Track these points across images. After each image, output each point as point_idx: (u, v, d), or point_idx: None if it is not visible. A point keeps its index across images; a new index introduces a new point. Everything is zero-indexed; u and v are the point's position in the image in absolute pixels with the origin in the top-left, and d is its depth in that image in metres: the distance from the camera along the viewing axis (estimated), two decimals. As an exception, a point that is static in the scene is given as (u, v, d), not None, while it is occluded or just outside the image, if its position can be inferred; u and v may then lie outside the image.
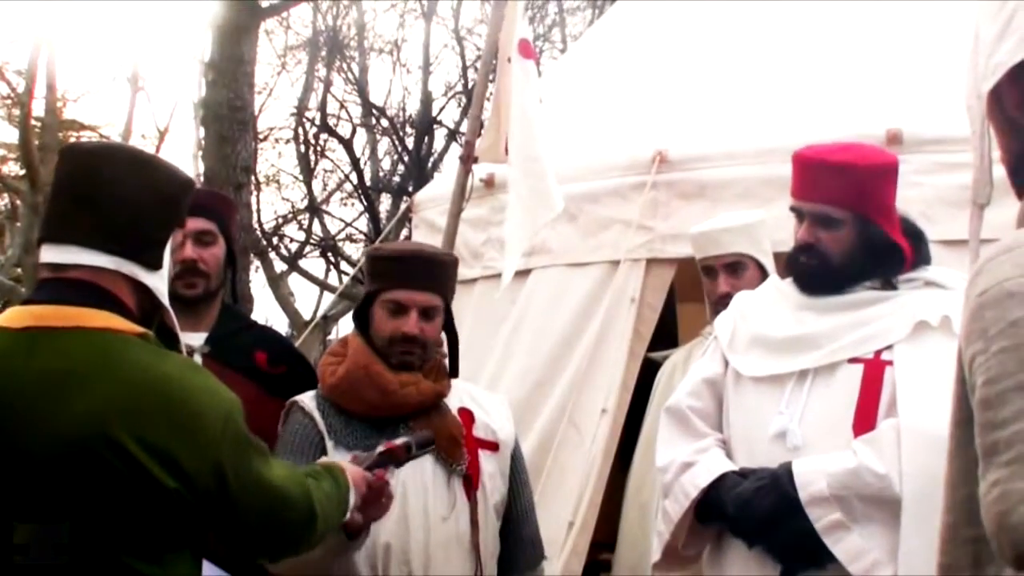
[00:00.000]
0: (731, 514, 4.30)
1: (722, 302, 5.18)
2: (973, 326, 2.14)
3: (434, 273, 4.43)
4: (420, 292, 4.37)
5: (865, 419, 4.18)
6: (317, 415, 4.36)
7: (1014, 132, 2.38)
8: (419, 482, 4.30)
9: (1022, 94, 2.33)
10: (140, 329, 3.12)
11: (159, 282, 3.22)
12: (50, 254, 3.15)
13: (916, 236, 4.42)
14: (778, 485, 4.19)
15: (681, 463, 4.45)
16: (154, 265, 3.20)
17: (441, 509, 4.30)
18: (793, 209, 4.42)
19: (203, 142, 14.73)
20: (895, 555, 4.02)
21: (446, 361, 4.57)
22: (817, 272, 4.40)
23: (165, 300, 3.24)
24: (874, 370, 4.24)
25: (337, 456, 4.21)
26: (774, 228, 5.92)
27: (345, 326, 27.81)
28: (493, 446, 4.53)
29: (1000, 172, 2.45)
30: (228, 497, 3.07)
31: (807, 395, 4.30)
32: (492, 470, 4.49)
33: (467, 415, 4.52)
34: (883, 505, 4.07)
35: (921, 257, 4.42)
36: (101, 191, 3.13)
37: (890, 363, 4.22)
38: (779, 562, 4.25)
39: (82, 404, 2.95)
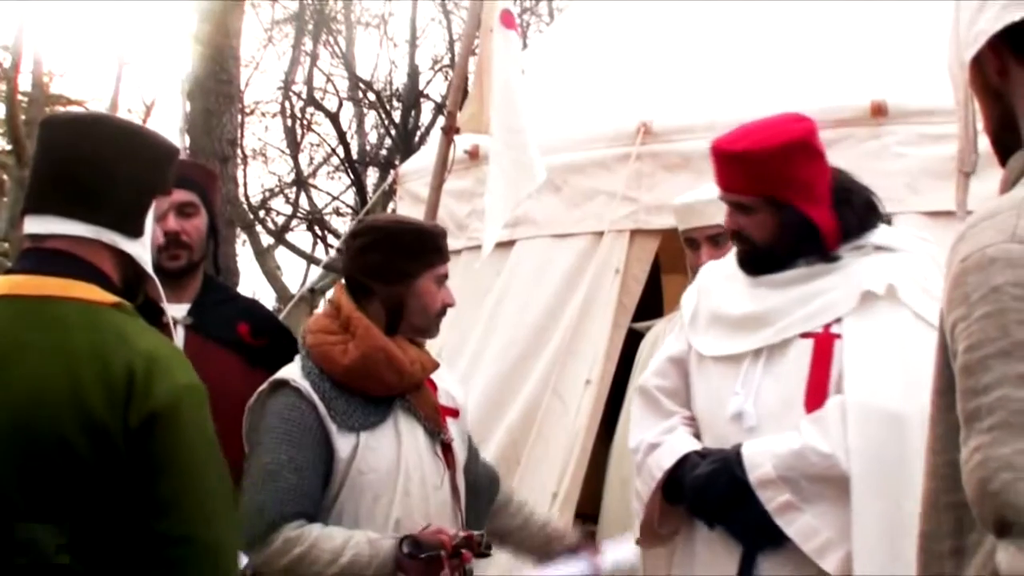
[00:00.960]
0: (688, 498, 4.32)
1: None
2: (955, 292, 2.12)
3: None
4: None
5: (817, 395, 4.19)
6: (316, 398, 4.23)
7: (996, 100, 2.38)
8: (416, 453, 4.30)
9: (1003, 62, 2.32)
10: (114, 299, 3.08)
11: (141, 250, 3.18)
12: (31, 225, 3.14)
13: (848, 202, 4.34)
14: (728, 468, 4.20)
15: (648, 444, 4.47)
16: (135, 233, 3.16)
17: (434, 478, 4.32)
18: (720, 197, 4.43)
19: (189, 116, 14.64)
20: (848, 533, 4.03)
21: None
22: (749, 256, 4.41)
23: (149, 268, 3.21)
24: (824, 344, 4.22)
25: (342, 439, 4.20)
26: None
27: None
28: (455, 413, 4.57)
29: (985, 143, 2.44)
30: (147, 463, 2.93)
31: (761, 374, 4.30)
32: (457, 436, 4.52)
33: (432, 384, 4.52)
34: (831, 484, 4.07)
35: (863, 222, 4.36)
36: (79, 161, 3.10)
37: (839, 336, 4.21)
38: (740, 543, 4.26)
39: (21, 378, 2.92)
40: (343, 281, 4.48)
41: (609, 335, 6.10)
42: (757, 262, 4.38)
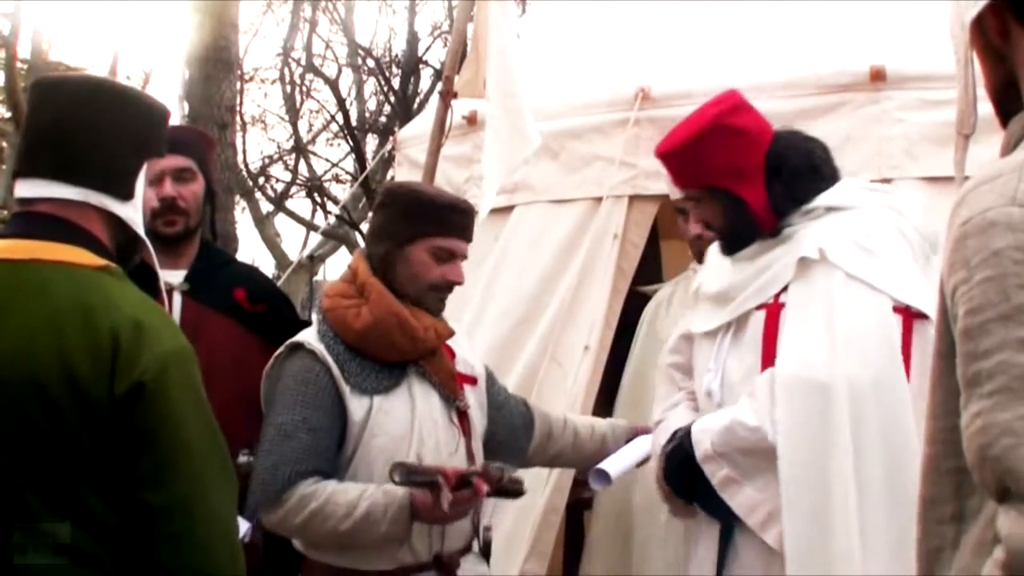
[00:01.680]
0: (664, 475, 4.39)
1: (695, 243, 5.20)
2: (955, 256, 2.11)
3: (473, 225, 4.48)
4: (465, 242, 4.41)
5: (769, 366, 4.22)
6: (330, 360, 4.25)
7: (997, 61, 2.37)
8: (430, 419, 4.31)
9: (1005, 23, 2.30)
10: (101, 262, 3.05)
11: (133, 212, 3.16)
12: (21, 189, 3.12)
13: (778, 173, 4.36)
14: (682, 446, 4.28)
15: (655, 421, 4.61)
16: (125, 195, 3.13)
17: (449, 445, 4.33)
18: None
19: (187, 83, 14.59)
20: None
21: None
22: (722, 241, 4.51)
23: (140, 231, 3.18)
24: (772, 315, 4.29)
25: (355, 402, 4.21)
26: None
27: (332, 266, 27.81)
28: (472, 380, 4.57)
29: (986, 107, 2.42)
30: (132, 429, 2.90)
31: (728, 349, 4.38)
32: (475, 403, 4.52)
33: (449, 351, 4.52)
34: (764, 457, 4.11)
35: (795, 192, 4.36)
36: (66, 123, 3.08)
37: (784, 305, 4.26)
38: (715, 518, 4.31)
39: (6, 339, 2.90)
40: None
41: (608, 301, 6.07)
42: (729, 245, 4.46)
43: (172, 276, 4.80)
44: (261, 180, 29.67)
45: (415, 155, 7.27)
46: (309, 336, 4.33)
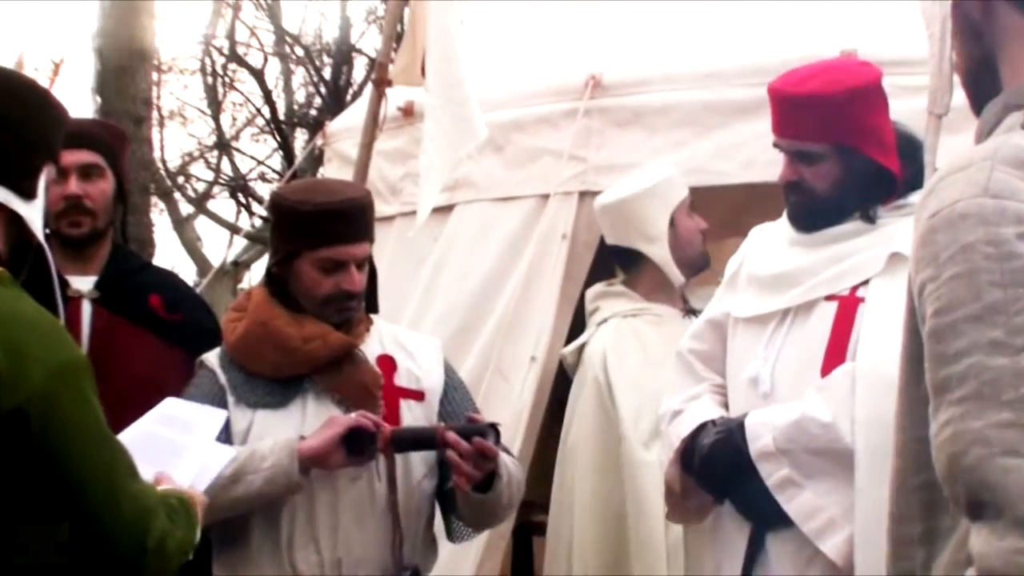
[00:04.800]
0: (695, 469, 4.34)
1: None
2: (923, 251, 2.11)
3: (366, 220, 4.39)
4: (356, 244, 4.31)
5: (834, 361, 4.19)
6: (219, 370, 4.33)
7: (973, 38, 2.36)
8: None
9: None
10: None
11: (34, 214, 3.14)
12: None
13: (912, 154, 4.33)
14: (732, 439, 4.22)
15: (672, 411, 4.52)
16: (29, 194, 3.12)
17: (349, 469, 4.24)
18: (775, 145, 4.40)
19: (100, 74, 14.53)
20: (852, 512, 4.02)
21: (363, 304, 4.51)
22: (806, 210, 4.39)
23: (40, 234, 3.17)
24: (847, 308, 4.24)
25: (238, 413, 4.24)
26: (717, 158, 5.93)
27: (258, 272, 27.69)
28: (417, 395, 4.49)
29: (961, 95, 2.42)
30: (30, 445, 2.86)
31: (784, 337, 4.32)
32: (415, 420, 4.43)
33: (388, 362, 4.47)
34: (834, 458, 4.06)
35: (917, 177, 4.35)
36: None
37: (864, 300, 4.22)
38: (747, 520, 4.28)
39: None
40: None
41: (556, 307, 6.07)
42: (812, 216, 4.38)
43: (80, 283, 4.77)
44: (180, 179, 29.47)
45: (346, 149, 7.27)
46: (212, 352, 4.44)
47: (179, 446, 3.61)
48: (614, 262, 6.02)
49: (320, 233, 4.25)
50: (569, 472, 5.72)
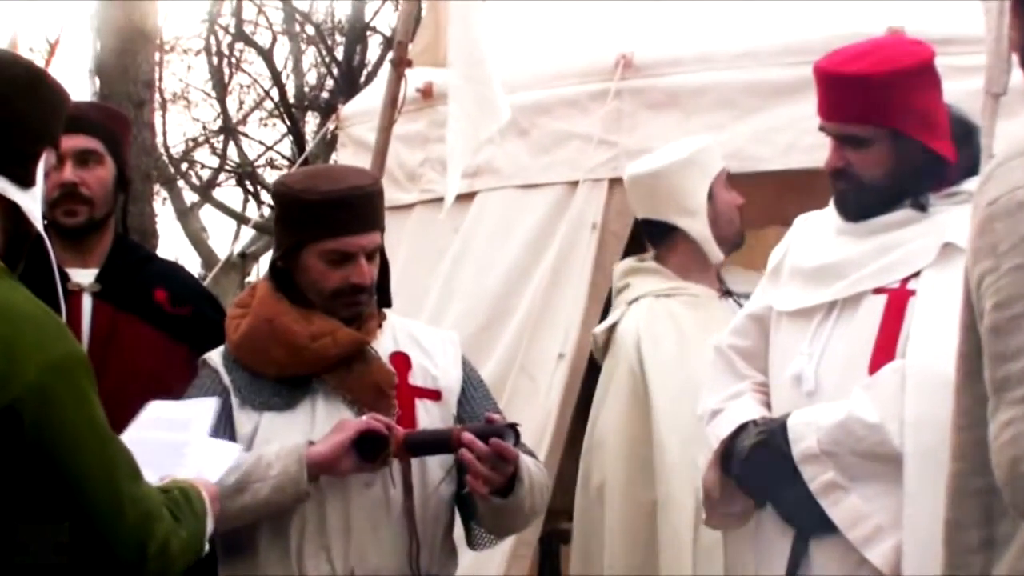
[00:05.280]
0: (734, 472, 4.34)
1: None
2: (981, 241, 2.10)
3: (375, 208, 4.36)
4: (364, 235, 4.28)
5: (883, 358, 4.16)
6: (222, 370, 4.32)
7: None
8: None
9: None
10: None
11: (32, 203, 3.15)
12: None
13: (967, 138, 4.30)
14: (774, 440, 4.21)
15: (711, 411, 4.50)
16: (26, 182, 3.13)
17: (362, 475, 4.23)
18: (821, 129, 4.38)
19: (99, 55, 14.54)
20: (900, 519, 4.01)
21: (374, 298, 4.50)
22: (854, 197, 4.35)
23: (39, 224, 3.17)
24: (897, 301, 4.21)
25: (243, 416, 4.24)
26: (756, 143, 5.91)
27: (266, 264, 27.72)
28: (434, 395, 4.46)
29: (1019, 76, 2.41)
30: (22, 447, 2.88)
31: (830, 332, 4.30)
32: (432, 421, 4.40)
33: (402, 360, 4.45)
34: (882, 462, 4.05)
35: (971, 163, 4.33)
36: None
37: (914, 293, 4.19)
38: (789, 525, 4.27)
39: None
40: None
41: (585, 301, 6.07)
42: (861, 204, 4.34)
43: (81, 275, 4.77)
44: (184, 166, 29.58)
45: (362, 134, 7.27)
46: (216, 350, 4.42)
47: (178, 444, 3.61)
48: (644, 238, 5.94)
49: (325, 223, 4.23)
50: (597, 466, 5.66)
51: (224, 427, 4.18)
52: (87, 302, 4.80)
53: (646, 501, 5.44)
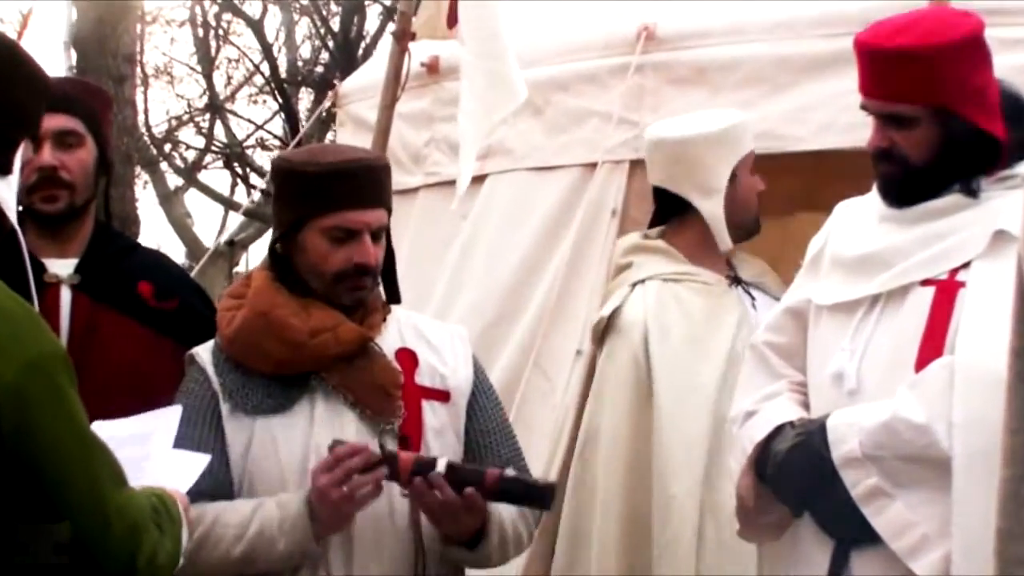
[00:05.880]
0: (770, 478, 4.33)
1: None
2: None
3: (380, 184, 4.36)
4: (369, 210, 4.27)
5: (930, 355, 4.14)
6: (211, 370, 4.31)
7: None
8: None
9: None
10: None
11: (7, 191, 3.16)
12: None
13: (1019, 116, 4.28)
14: (812, 443, 4.20)
15: (745, 412, 4.48)
16: (3, 170, 3.14)
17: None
18: (863, 107, 4.38)
19: (76, 27, 14.57)
20: (949, 527, 4.01)
21: (380, 288, 4.49)
22: (898, 181, 4.34)
23: (12, 213, 3.18)
24: (946, 293, 4.20)
25: (234, 424, 4.25)
26: (789, 121, 5.90)
27: (256, 253, 27.80)
28: (442, 395, 4.46)
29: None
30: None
31: (873, 327, 4.29)
32: (440, 425, 4.42)
33: (408, 357, 4.45)
34: (929, 466, 4.04)
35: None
36: None
37: (964, 285, 4.18)
38: (829, 535, 4.26)
39: None
40: None
41: (604, 293, 6.07)
42: (906, 188, 4.34)
43: (59, 266, 4.77)
44: (168, 147, 29.63)
45: (361, 112, 7.28)
46: (204, 345, 4.42)
47: (136, 460, 3.56)
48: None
49: (328, 196, 4.23)
50: (591, 466, 5.64)
51: (212, 435, 4.21)
52: (66, 295, 4.80)
53: (644, 505, 5.46)
